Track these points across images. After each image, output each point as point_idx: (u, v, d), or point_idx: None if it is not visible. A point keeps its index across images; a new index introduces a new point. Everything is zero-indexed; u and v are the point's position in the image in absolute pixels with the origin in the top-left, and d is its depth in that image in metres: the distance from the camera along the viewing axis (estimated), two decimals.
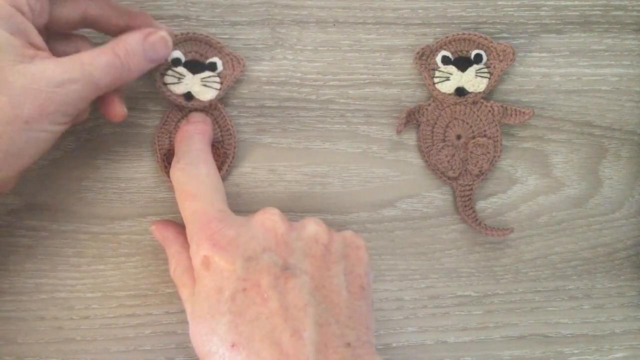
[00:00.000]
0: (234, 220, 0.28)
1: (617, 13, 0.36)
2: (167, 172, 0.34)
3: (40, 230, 0.34)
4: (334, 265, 0.28)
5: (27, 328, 0.34)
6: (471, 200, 0.36)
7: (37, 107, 0.25)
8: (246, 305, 0.25)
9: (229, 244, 0.26)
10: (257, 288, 0.26)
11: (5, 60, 0.25)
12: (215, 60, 0.33)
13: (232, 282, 0.26)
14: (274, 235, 0.28)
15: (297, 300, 0.26)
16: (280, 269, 0.26)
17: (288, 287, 0.26)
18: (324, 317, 0.26)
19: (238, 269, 0.26)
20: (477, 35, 0.35)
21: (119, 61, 0.28)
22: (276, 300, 0.25)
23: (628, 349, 0.38)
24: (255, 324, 0.25)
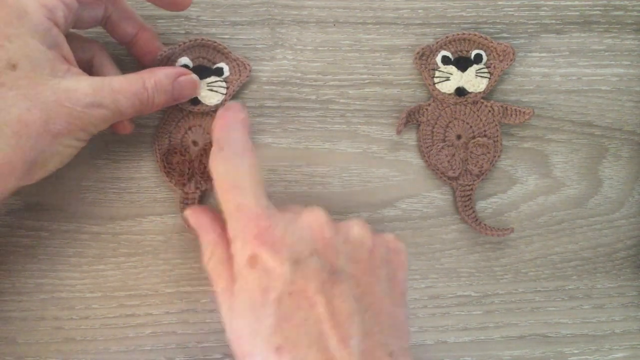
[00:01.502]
0: (281, 218, 0.27)
1: (617, 13, 0.36)
2: (167, 172, 0.34)
3: (40, 230, 0.34)
4: (378, 271, 0.27)
5: (27, 328, 0.34)
6: (471, 200, 0.36)
7: (66, 124, 0.26)
8: (293, 309, 0.25)
9: (277, 244, 0.26)
10: (304, 292, 0.25)
11: (41, 74, 0.26)
12: (222, 65, 0.33)
13: (279, 284, 0.25)
14: (322, 238, 0.27)
15: (343, 306, 0.25)
16: (327, 273, 0.26)
17: (335, 292, 0.25)
18: (369, 325, 0.25)
19: (286, 272, 0.25)
20: (477, 35, 0.35)
21: (146, 95, 0.29)
22: (323, 306, 0.25)
23: (628, 349, 0.38)
24: (301, 329, 0.24)
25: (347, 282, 0.26)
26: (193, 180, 0.34)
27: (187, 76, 0.32)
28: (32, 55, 0.26)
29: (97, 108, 0.27)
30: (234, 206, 0.27)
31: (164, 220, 0.35)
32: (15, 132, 0.25)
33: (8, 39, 0.25)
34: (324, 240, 0.27)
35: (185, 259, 0.35)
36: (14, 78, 0.25)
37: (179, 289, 0.35)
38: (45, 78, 0.26)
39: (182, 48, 0.33)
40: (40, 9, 0.26)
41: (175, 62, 0.33)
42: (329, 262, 0.26)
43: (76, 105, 0.26)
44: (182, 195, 0.34)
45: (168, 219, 0.35)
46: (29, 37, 0.25)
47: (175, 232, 0.35)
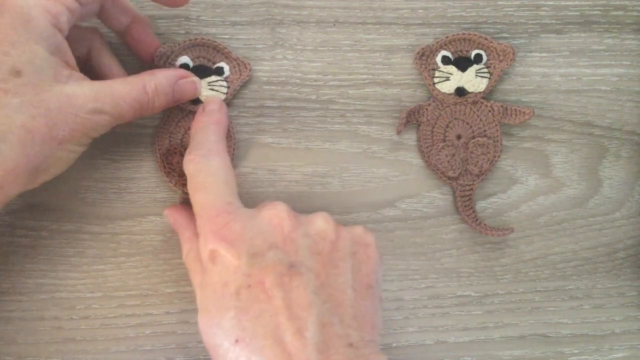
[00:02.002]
0: (241, 213, 0.28)
1: (617, 13, 0.36)
2: (167, 172, 0.34)
3: (40, 230, 0.34)
4: (341, 263, 0.28)
5: (27, 328, 0.34)
6: (471, 200, 0.36)
7: (70, 130, 0.27)
8: (250, 301, 0.25)
9: (235, 239, 0.26)
10: (262, 285, 0.26)
11: (45, 81, 0.26)
12: (223, 65, 0.33)
13: (237, 278, 0.26)
14: (281, 232, 0.28)
15: (301, 299, 0.25)
16: (285, 266, 0.26)
17: (293, 285, 0.26)
18: (327, 316, 0.26)
19: (243, 265, 0.26)
20: (477, 35, 0.35)
21: (147, 99, 0.29)
22: (280, 299, 0.25)
23: (628, 349, 0.38)
24: (258, 321, 0.25)
25: (306, 274, 0.26)
26: None
27: (187, 79, 0.32)
28: (36, 62, 0.26)
29: (99, 114, 0.27)
30: (199, 205, 0.28)
31: (164, 220, 0.35)
32: (21, 139, 0.26)
33: (12, 45, 0.25)
34: (283, 234, 0.27)
35: None
36: (18, 85, 0.25)
37: (179, 289, 0.35)
38: (48, 84, 0.26)
39: (182, 47, 0.33)
40: (44, 15, 0.26)
41: (176, 61, 0.33)
42: (287, 255, 0.27)
43: (79, 112, 0.27)
44: (182, 195, 0.34)
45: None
46: (33, 44, 0.25)
47: (175, 232, 0.35)
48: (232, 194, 0.29)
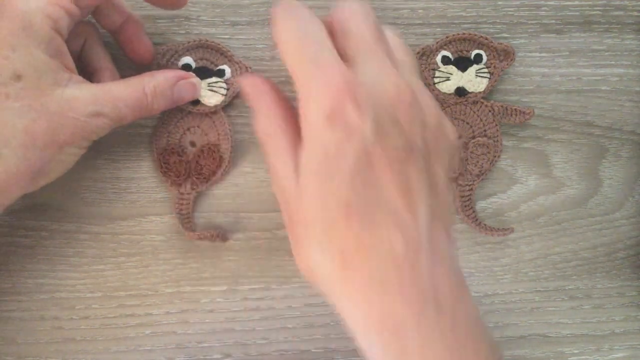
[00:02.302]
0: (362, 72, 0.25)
1: (617, 13, 0.36)
2: (163, 172, 0.34)
3: (40, 230, 0.34)
4: (441, 159, 0.27)
5: (27, 328, 0.34)
6: (471, 200, 0.36)
7: (71, 134, 0.27)
8: (368, 174, 0.24)
9: (363, 101, 0.24)
10: (380, 157, 0.24)
11: (45, 84, 0.26)
12: (224, 67, 0.33)
13: (359, 142, 0.23)
14: (404, 108, 0.25)
15: (414, 182, 0.25)
16: (403, 146, 0.25)
17: (408, 167, 0.25)
18: (432, 201, 0.25)
19: (368, 131, 0.24)
20: (477, 35, 0.35)
21: (146, 101, 0.29)
22: (397, 177, 0.24)
23: (628, 349, 0.38)
24: (375, 196, 0.24)
25: (421, 161, 0.25)
26: (189, 181, 0.34)
27: (187, 80, 0.32)
28: (36, 66, 0.26)
29: (98, 117, 0.28)
30: (310, 60, 0.25)
31: (163, 220, 0.35)
32: (22, 143, 0.26)
33: (13, 50, 0.25)
34: (406, 114, 0.25)
35: (185, 259, 0.35)
36: (19, 89, 0.25)
37: (179, 289, 0.35)
38: (49, 88, 0.26)
39: (186, 47, 0.33)
40: (45, 19, 0.26)
41: (178, 61, 0.33)
42: (406, 137, 0.25)
43: (79, 115, 0.27)
44: (177, 195, 0.34)
45: (168, 219, 0.35)
46: (33, 48, 0.26)
47: (175, 232, 0.35)
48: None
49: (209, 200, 0.35)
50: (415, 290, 0.24)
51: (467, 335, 0.25)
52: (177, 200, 0.34)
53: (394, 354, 0.24)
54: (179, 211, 0.34)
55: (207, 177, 0.34)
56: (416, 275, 0.24)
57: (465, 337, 0.25)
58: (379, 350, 0.24)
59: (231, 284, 0.35)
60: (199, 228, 0.35)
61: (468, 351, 0.24)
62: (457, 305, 0.25)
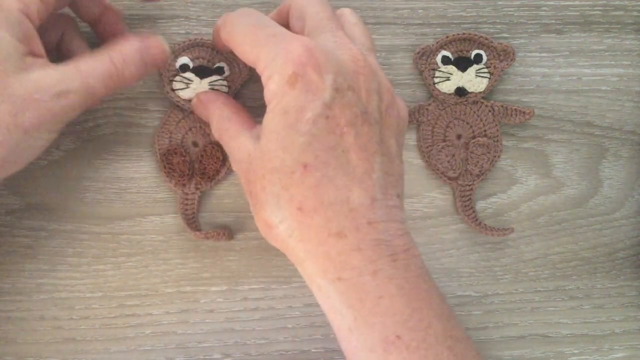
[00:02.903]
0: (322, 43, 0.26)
1: (617, 13, 0.36)
2: (167, 173, 0.34)
3: (40, 230, 0.34)
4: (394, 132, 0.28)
5: (27, 328, 0.34)
6: (471, 200, 0.36)
7: (37, 117, 0.26)
8: (326, 132, 0.25)
9: (321, 66, 0.25)
10: (338, 120, 0.25)
11: (9, 67, 0.25)
12: (223, 65, 0.33)
13: (317, 105, 0.25)
14: (360, 78, 0.27)
15: (369, 145, 0.26)
16: (360, 111, 0.26)
17: (364, 130, 0.26)
18: (386, 167, 0.26)
19: (326, 93, 0.25)
20: (477, 35, 0.35)
21: (115, 70, 0.28)
22: (353, 137, 0.25)
23: (628, 349, 0.38)
24: (331, 152, 0.25)
25: (375, 125, 0.26)
26: (193, 181, 0.34)
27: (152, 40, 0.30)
28: (2, 48, 0.25)
29: (67, 95, 0.26)
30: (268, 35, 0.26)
31: (164, 220, 0.35)
32: None
33: None
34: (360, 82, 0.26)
35: (185, 259, 0.35)
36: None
37: (179, 289, 0.35)
38: (13, 71, 0.25)
39: (182, 47, 0.33)
40: (15, 2, 0.25)
41: (175, 62, 0.33)
42: (362, 102, 0.26)
43: (44, 96, 0.26)
44: (181, 196, 0.34)
45: (168, 219, 0.35)
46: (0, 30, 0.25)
47: (175, 232, 0.35)
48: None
49: (210, 200, 0.35)
50: (371, 241, 0.25)
51: (420, 284, 0.26)
52: (182, 200, 0.34)
53: (350, 302, 0.25)
54: (184, 211, 0.34)
55: (211, 176, 0.34)
56: (372, 227, 0.25)
57: (418, 286, 0.26)
58: (335, 299, 0.25)
59: (231, 284, 0.35)
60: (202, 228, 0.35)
61: (421, 297, 0.26)
62: (410, 258, 0.26)
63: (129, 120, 0.34)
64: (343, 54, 0.26)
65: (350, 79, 0.26)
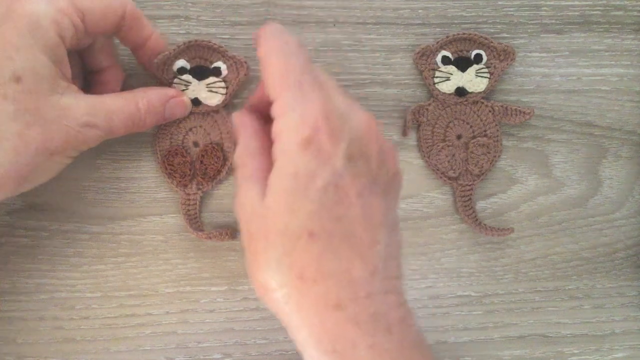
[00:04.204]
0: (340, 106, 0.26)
1: (617, 13, 0.36)
2: (168, 174, 0.34)
3: (40, 230, 0.34)
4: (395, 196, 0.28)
5: (27, 328, 0.34)
6: (471, 200, 0.36)
7: (63, 143, 0.27)
8: (334, 201, 0.25)
9: (337, 134, 0.25)
10: (347, 190, 0.25)
11: (44, 89, 0.26)
12: (219, 64, 0.33)
13: (329, 174, 0.24)
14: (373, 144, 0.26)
15: (375, 217, 0.26)
16: (368, 181, 0.26)
17: (371, 202, 0.26)
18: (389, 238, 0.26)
19: (339, 164, 0.25)
20: (477, 35, 0.35)
21: (139, 116, 0.29)
22: (360, 209, 0.25)
23: (628, 349, 0.38)
24: (338, 223, 0.25)
25: (381, 196, 0.26)
26: (194, 182, 0.34)
27: (178, 98, 0.32)
28: (37, 70, 0.26)
29: (91, 128, 0.27)
30: (297, 81, 0.25)
31: (164, 220, 0.35)
32: (15, 147, 0.26)
33: (17, 51, 0.25)
34: (375, 150, 0.26)
35: (185, 259, 0.35)
36: (17, 91, 0.25)
37: (179, 289, 0.35)
38: (46, 94, 0.26)
39: (178, 51, 0.32)
40: (52, 24, 0.26)
41: (172, 66, 0.33)
42: (373, 172, 0.26)
43: (73, 124, 0.27)
44: (183, 196, 0.34)
45: (168, 219, 0.35)
46: (37, 50, 0.25)
47: (175, 232, 0.35)
48: None
49: (210, 200, 0.35)
50: (368, 314, 0.25)
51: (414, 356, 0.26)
52: (184, 201, 0.34)
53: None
54: (186, 212, 0.34)
55: (212, 176, 0.34)
56: (370, 300, 0.25)
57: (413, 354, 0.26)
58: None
59: (231, 284, 0.35)
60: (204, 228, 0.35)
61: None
62: (405, 329, 0.26)
63: None
64: (356, 119, 0.26)
65: (363, 145, 0.26)
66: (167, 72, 0.33)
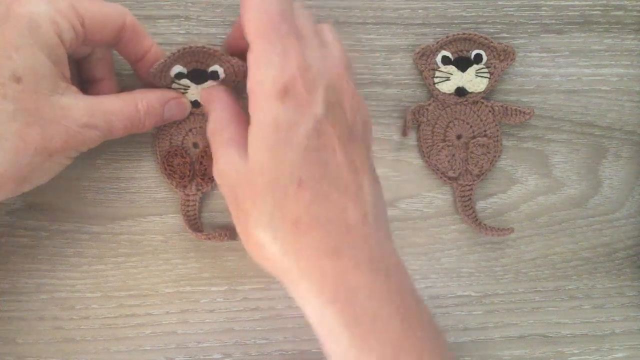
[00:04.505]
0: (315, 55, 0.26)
1: (617, 13, 0.36)
2: (168, 174, 0.34)
3: (40, 230, 0.34)
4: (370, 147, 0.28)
5: (27, 328, 0.34)
6: (471, 200, 0.36)
7: (62, 143, 0.27)
8: (319, 147, 0.25)
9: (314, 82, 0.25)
10: (329, 135, 0.25)
11: (43, 89, 0.26)
12: (217, 68, 0.33)
13: (311, 121, 0.25)
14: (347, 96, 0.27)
15: (357, 162, 0.26)
16: (347, 128, 0.26)
17: (351, 147, 0.26)
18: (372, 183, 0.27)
19: (319, 111, 0.25)
20: (477, 35, 0.35)
21: (138, 117, 0.29)
22: (344, 153, 0.26)
23: (628, 349, 0.38)
24: (325, 168, 0.25)
25: (360, 143, 0.27)
26: (194, 182, 0.34)
27: (177, 100, 0.32)
28: (37, 69, 0.25)
29: (90, 129, 0.27)
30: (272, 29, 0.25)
31: (164, 220, 0.35)
32: (14, 147, 0.25)
33: (16, 50, 0.25)
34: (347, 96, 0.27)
35: (185, 259, 0.35)
36: (17, 91, 0.25)
37: (179, 289, 0.35)
38: (46, 94, 0.26)
39: (174, 58, 0.31)
40: (52, 25, 0.26)
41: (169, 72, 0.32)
42: (349, 120, 0.27)
43: (73, 125, 0.27)
44: (182, 197, 0.34)
45: (168, 219, 0.35)
46: (37, 50, 0.25)
47: (175, 232, 0.35)
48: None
49: (209, 201, 0.35)
50: (366, 258, 0.25)
51: (411, 302, 0.26)
52: (184, 202, 0.34)
53: (346, 321, 0.25)
54: (185, 213, 0.34)
55: (212, 177, 0.34)
56: (367, 245, 0.25)
57: (409, 304, 0.26)
58: (331, 319, 0.25)
59: (231, 284, 0.35)
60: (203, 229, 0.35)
61: (413, 310, 0.26)
62: (400, 274, 0.26)
63: None
64: (331, 69, 0.27)
65: (337, 93, 0.26)
66: (165, 78, 0.32)
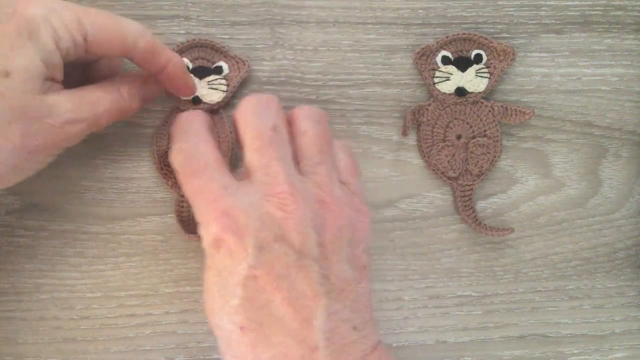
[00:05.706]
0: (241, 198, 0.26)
1: (617, 13, 0.36)
2: (164, 174, 0.34)
3: (40, 230, 0.34)
4: (340, 251, 0.27)
5: (27, 328, 0.34)
6: (471, 200, 0.36)
7: (43, 141, 0.26)
8: (256, 292, 0.25)
9: (240, 230, 0.25)
10: (268, 276, 0.25)
11: (30, 88, 0.26)
12: (221, 64, 0.33)
13: (243, 269, 0.25)
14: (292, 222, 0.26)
15: (307, 290, 0.26)
16: (292, 259, 0.26)
17: (299, 277, 0.26)
18: (333, 305, 0.26)
19: (250, 257, 0.25)
20: (477, 35, 0.35)
21: (124, 102, 0.29)
22: (287, 290, 0.25)
23: (628, 349, 0.38)
24: (265, 310, 0.25)
25: (312, 266, 0.26)
26: None
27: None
28: (28, 69, 0.25)
29: (75, 123, 0.27)
30: (194, 191, 0.27)
31: (163, 220, 0.35)
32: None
33: (11, 48, 0.25)
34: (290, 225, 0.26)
35: (185, 259, 0.35)
36: (5, 87, 0.25)
37: (179, 289, 0.35)
38: (33, 93, 0.26)
39: (181, 49, 0.33)
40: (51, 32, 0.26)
41: None
42: (294, 247, 0.26)
43: (56, 122, 0.26)
44: (177, 197, 0.34)
45: (168, 219, 0.35)
46: (32, 53, 0.25)
47: (175, 232, 0.35)
48: (227, 174, 0.28)
49: None
50: None
51: None
52: (178, 203, 0.34)
53: None
54: (179, 214, 0.34)
55: None
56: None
57: None
58: None
59: None
60: None
61: None
62: None
63: (128, 120, 0.34)
64: (268, 202, 0.26)
65: (277, 228, 0.26)
66: None
